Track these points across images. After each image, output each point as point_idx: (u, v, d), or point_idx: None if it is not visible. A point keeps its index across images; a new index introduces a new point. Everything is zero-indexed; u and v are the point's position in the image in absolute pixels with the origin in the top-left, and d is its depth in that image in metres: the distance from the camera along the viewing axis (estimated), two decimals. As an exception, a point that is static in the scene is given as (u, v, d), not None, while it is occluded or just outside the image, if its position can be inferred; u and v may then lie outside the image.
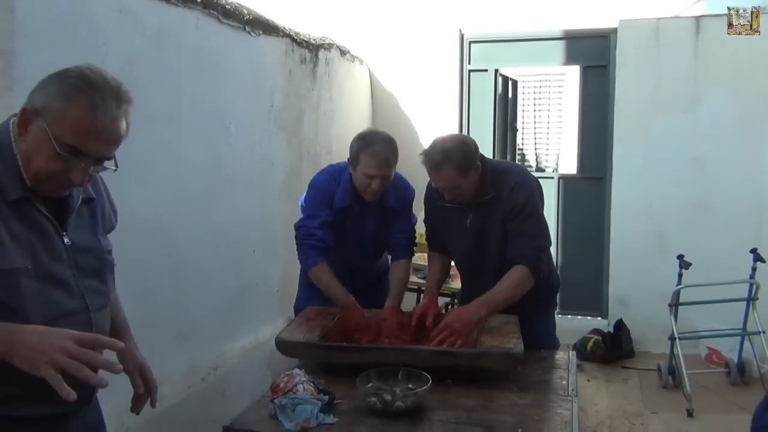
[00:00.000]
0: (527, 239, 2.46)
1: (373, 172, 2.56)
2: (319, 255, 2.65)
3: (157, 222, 2.79)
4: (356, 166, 2.60)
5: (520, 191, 2.48)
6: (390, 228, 2.80)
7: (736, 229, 4.56)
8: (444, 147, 2.40)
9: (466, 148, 2.43)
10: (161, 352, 2.84)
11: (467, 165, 2.40)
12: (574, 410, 2.03)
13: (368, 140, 2.59)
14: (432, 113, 5.13)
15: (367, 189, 2.61)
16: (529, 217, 2.48)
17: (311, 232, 2.67)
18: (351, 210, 2.72)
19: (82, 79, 1.30)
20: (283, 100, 3.83)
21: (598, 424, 3.63)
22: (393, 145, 2.62)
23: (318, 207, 2.70)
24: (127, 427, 2.62)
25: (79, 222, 1.46)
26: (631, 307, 4.91)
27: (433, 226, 2.74)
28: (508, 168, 2.65)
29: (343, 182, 2.70)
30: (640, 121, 4.80)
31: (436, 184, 2.47)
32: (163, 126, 2.80)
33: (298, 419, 1.93)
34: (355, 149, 2.61)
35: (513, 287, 2.42)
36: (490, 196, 2.48)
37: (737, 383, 4.13)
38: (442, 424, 1.93)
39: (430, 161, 2.41)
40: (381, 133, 2.66)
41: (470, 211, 2.53)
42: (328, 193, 2.71)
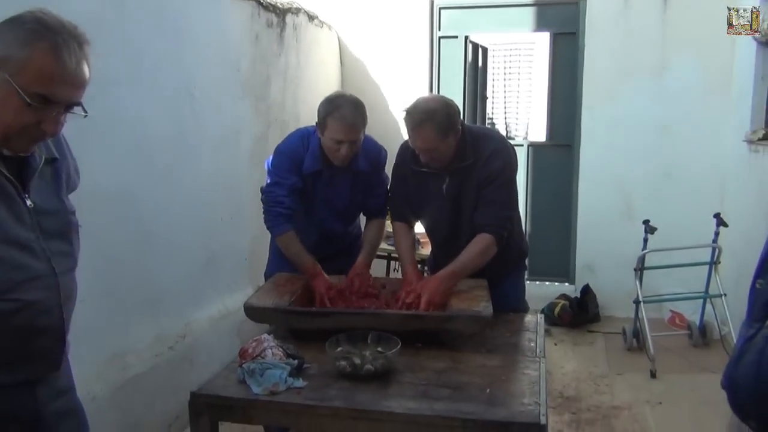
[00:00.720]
0: (496, 208, 2.46)
1: (341, 137, 2.51)
2: (286, 223, 2.61)
3: (121, 190, 2.73)
4: (324, 130, 2.55)
5: (497, 159, 2.46)
6: (363, 192, 2.76)
7: (700, 195, 4.64)
8: (427, 106, 2.37)
9: (450, 110, 2.40)
10: (127, 321, 2.82)
11: (448, 127, 2.37)
12: (541, 371, 2.05)
13: (335, 104, 2.53)
14: (402, 81, 5.09)
15: (335, 154, 2.56)
16: (502, 186, 2.48)
17: (279, 200, 2.62)
18: (321, 175, 2.68)
19: (40, 24, 1.24)
20: (249, 66, 3.75)
21: (565, 386, 3.70)
22: (361, 109, 2.56)
23: (285, 173, 2.64)
24: (93, 396, 2.58)
25: (42, 183, 1.41)
26: (597, 273, 4.99)
27: (405, 191, 2.67)
28: (487, 134, 2.62)
29: (312, 147, 2.65)
30: (608, 88, 4.82)
31: (414, 143, 2.43)
32: (123, 90, 2.72)
33: (267, 384, 1.92)
34: (322, 113, 2.55)
35: (477, 256, 2.43)
36: (469, 162, 2.46)
37: (699, 345, 4.24)
38: (411, 386, 1.93)
39: (411, 119, 2.37)
40: (349, 96, 2.60)
41: (447, 176, 2.51)
42: (296, 159, 2.65)
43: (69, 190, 1.53)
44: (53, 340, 1.44)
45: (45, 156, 1.41)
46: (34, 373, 1.44)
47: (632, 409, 3.39)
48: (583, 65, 4.88)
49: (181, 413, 3.03)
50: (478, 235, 2.46)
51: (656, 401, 3.47)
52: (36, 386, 1.44)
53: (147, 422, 2.89)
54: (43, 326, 1.39)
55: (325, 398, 1.87)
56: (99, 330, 2.64)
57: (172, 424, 3.04)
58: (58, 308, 1.41)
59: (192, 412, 1.93)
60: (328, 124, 2.51)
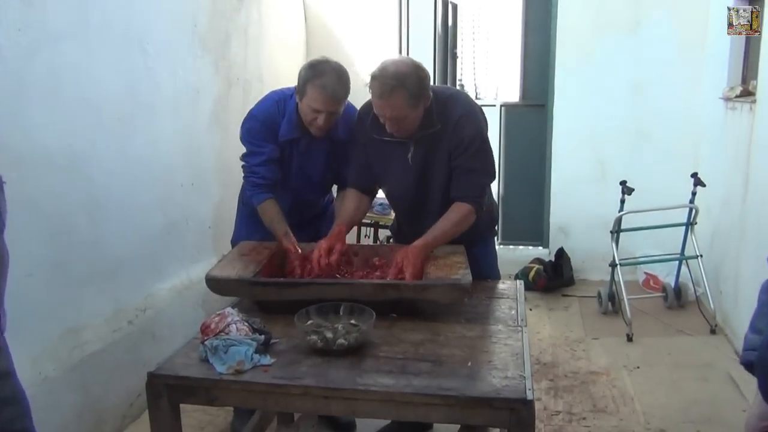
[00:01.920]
0: (473, 176, 2.32)
1: (319, 107, 2.34)
2: (266, 192, 2.47)
3: (68, 152, 2.51)
4: (303, 96, 2.37)
5: (467, 124, 2.29)
6: (339, 161, 2.59)
7: (674, 155, 4.56)
8: (397, 71, 2.15)
9: (422, 74, 2.20)
10: (80, 294, 2.64)
11: (420, 94, 2.19)
12: (524, 340, 1.95)
13: (318, 70, 2.34)
14: (370, 39, 4.87)
15: (312, 123, 2.39)
16: (478, 153, 2.31)
17: (254, 170, 2.48)
18: (298, 142, 2.50)
19: None
20: (207, 21, 3.50)
21: (541, 352, 3.62)
22: (344, 78, 2.37)
23: (261, 141, 2.47)
24: (45, 376, 2.42)
25: None
26: (571, 236, 4.91)
27: (365, 160, 2.47)
28: (453, 96, 2.41)
29: (289, 112, 2.46)
30: (582, 45, 4.68)
31: (381, 111, 2.22)
32: (67, 44, 2.48)
33: (231, 361, 1.78)
34: (302, 78, 2.36)
35: (457, 224, 2.30)
36: (436, 129, 2.29)
37: (674, 307, 4.20)
38: (388, 361, 1.81)
39: (380, 86, 2.14)
40: (333, 63, 2.39)
41: (412, 144, 2.33)
42: (271, 125, 2.47)
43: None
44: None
45: None
46: None
47: (610, 374, 3.33)
48: (556, 21, 4.72)
49: (142, 391, 2.77)
50: (456, 203, 2.31)
51: (633, 365, 3.42)
52: None
53: (106, 402, 2.73)
54: None
55: (294, 376, 1.73)
56: (49, 305, 2.46)
57: (133, 403, 2.88)
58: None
59: (150, 394, 1.79)
60: (308, 91, 2.34)
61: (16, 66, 2.25)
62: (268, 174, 2.46)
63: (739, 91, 3.77)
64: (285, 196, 2.55)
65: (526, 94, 5.04)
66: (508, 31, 6.51)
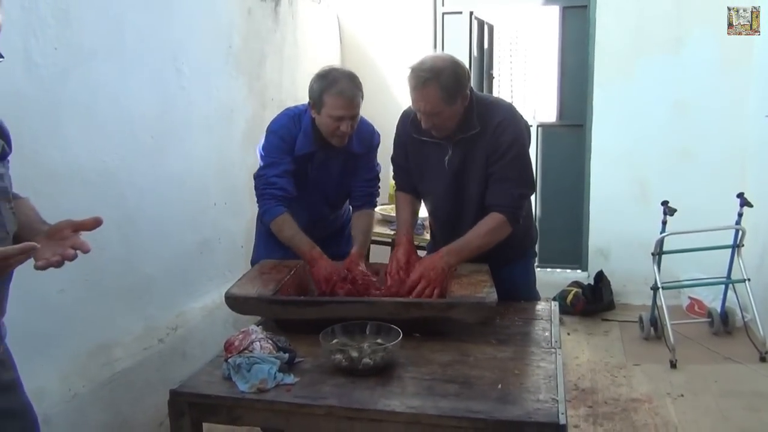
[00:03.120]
0: (509, 185, 2.25)
1: (341, 113, 2.33)
2: (280, 205, 2.44)
3: (101, 169, 2.53)
4: (321, 108, 2.36)
5: (507, 129, 2.23)
6: (353, 175, 2.58)
7: (719, 175, 4.41)
8: (434, 64, 2.14)
9: (459, 70, 2.17)
10: (112, 311, 2.64)
11: (456, 90, 2.15)
12: (558, 363, 1.86)
13: (330, 78, 2.35)
14: (404, 59, 4.83)
15: (335, 132, 2.38)
16: (515, 160, 2.25)
17: (272, 181, 2.45)
18: (314, 156, 2.50)
19: None
20: (242, 41, 3.54)
21: (580, 378, 3.50)
22: (357, 81, 2.39)
23: (278, 154, 2.47)
24: (74, 393, 2.41)
25: None
26: (611, 259, 4.78)
27: (405, 162, 2.46)
28: (496, 102, 2.38)
29: (304, 126, 2.47)
30: (621, 64, 4.59)
31: (416, 105, 2.20)
32: (103, 63, 2.52)
33: (254, 380, 1.74)
34: (316, 90, 2.37)
35: (485, 235, 2.23)
36: (475, 131, 2.24)
37: (720, 333, 4.03)
38: (414, 382, 1.75)
39: (415, 77, 2.13)
40: (342, 69, 2.43)
41: (450, 147, 2.29)
42: (288, 139, 2.48)
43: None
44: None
45: None
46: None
47: (652, 401, 3.19)
48: (594, 40, 4.64)
49: (171, 410, 2.85)
50: (489, 214, 2.25)
51: (677, 393, 3.27)
52: None
53: (134, 421, 2.71)
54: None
55: (318, 396, 1.69)
56: (80, 321, 2.47)
57: (163, 422, 2.85)
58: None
59: (172, 413, 1.77)
60: (326, 100, 2.34)
61: (53, 84, 2.29)
62: (286, 185, 2.44)
63: (786, 108, 3.63)
64: (301, 213, 2.52)
65: (563, 114, 4.95)
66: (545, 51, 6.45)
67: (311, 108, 2.43)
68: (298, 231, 2.41)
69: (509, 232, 2.25)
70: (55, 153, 2.31)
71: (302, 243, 2.38)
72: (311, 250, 2.36)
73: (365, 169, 2.62)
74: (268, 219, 2.44)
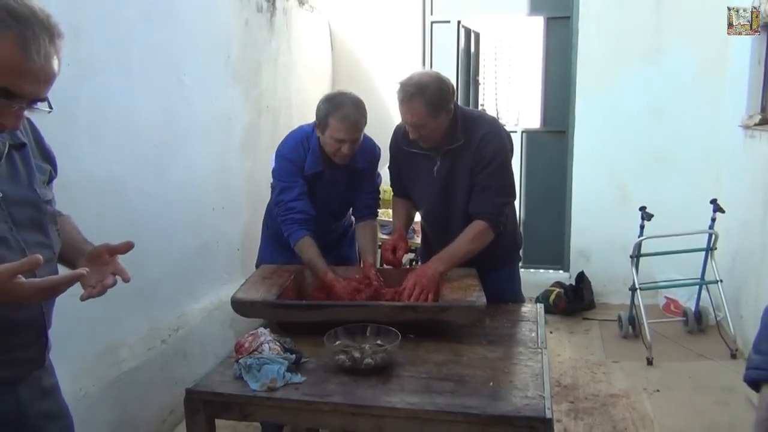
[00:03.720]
0: (490, 194, 2.41)
1: (343, 136, 2.46)
2: (302, 228, 2.54)
3: (110, 178, 2.65)
4: (325, 129, 2.49)
5: (490, 142, 2.40)
6: (356, 189, 2.72)
7: (694, 181, 4.62)
8: (420, 80, 2.31)
9: (443, 86, 2.33)
10: (118, 314, 2.75)
11: (440, 104, 2.31)
12: (544, 362, 2.02)
13: (336, 102, 2.47)
14: (394, 67, 5.00)
15: (336, 153, 2.51)
16: (496, 171, 2.41)
17: (291, 206, 2.55)
18: (322, 175, 2.62)
19: (8, 13, 1.15)
20: (239, 51, 3.67)
21: (561, 375, 3.68)
22: (362, 107, 2.51)
23: (291, 177, 2.58)
24: (85, 392, 2.53)
25: (11, 172, 1.33)
26: (591, 260, 4.97)
27: (399, 172, 2.64)
28: (480, 116, 2.56)
29: (312, 147, 2.59)
30: (602, 73, 4.77)
31: (404, 117, 2.37)
32: (111, 76, 2.64)
33: (265, 379, 1.87)
34: (323, 112, 2.49)
35: (471, 242, 2.39)
36: (460, 143, 2.40)
37: (694, 331, 4.23)
38: (412, 380, 1.89)
39: (402, 92, 2.31)
40: (349, 94, 2.53)
41: (438, 158, 2.45)
42: (297, 161, 2.59)
43: (44, 177, 1.44)
44: (34, 336, 1.39)
45: (10, 142, 1.33)
46: (17, 370, 1.38)
47: (630, 397, 3.37)
48: (577, 50, 4.82)
49: (175, 407, 2.98)
50: (473, 221, 2.42)
51: (653, 389, 3.46)
52: (18, 386, 1.38)
53: (141, 418, 2.84)
54: (23, 320, 1.34)
55: (324, 394, 1.82)
56: (90, 323, 2.58)
57: (166, 419, 2.99)
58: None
59: (188, 410, 1.88)
60: (330, 123, 2.46)
61: (65, 97, 2.39)
62: (304, 207, 2.54)
63: (758, 119, 3.83)
64: None
65: (546, 120, 5.13)
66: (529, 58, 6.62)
67: (317, 128, 2.54)
68: (316, 254, 2.50)
69: (492, 237, 2.42)
70: (68, 164, 2.40)
71: (318, 268, 2.47)
72: (326, 275, 2.45)
73: (366, 182, 2.74)
74: (293, 242, 2.54)
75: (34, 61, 1.16)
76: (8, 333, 1.32)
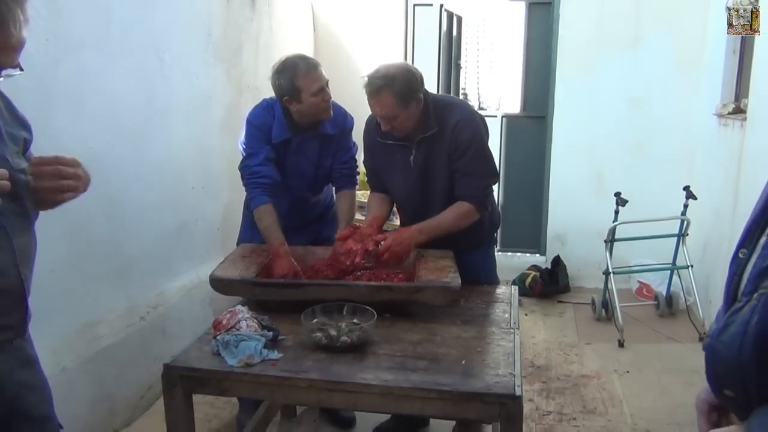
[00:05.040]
0: (474, 178, 2.46)
1: (320, 84, 2.52)
2: (265, 194, 2.57)
3: (89, 155, 2.62)
4: (299, 93, 2.51)
5: (465, 128, 2.43)
6: (330, 157, 2.74)
7: (669, 168, 4.69)
8: (387, 72, 2.33)
9: (411, 76, 2.36)
10: (97, 291, 2.77)
11: (409, 95, 2.34)
12: (516, 342, 2.07)
13: (290, 64, 2.53)
14: (376, 49, 5.01)
15: (322, 105, 2.56)
16: (477, 155, 2.46)
17: (255, 170, 2.59)
18: (290, 142, 2.65)
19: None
20: (221, 31, 3.65)
21: (535, 356, 3.75)
22: (306, 56, 2.62)
23: (257, 144, 2.61)
24: (63, 367, 2.55)
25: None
26: (567, 244, 5.05)
27: (374, 164, 2.66)
28: (451, 102, 2.58)
29: (278, 116, 2.62)
30: (582, 59, 4.82)
31: (373, 110, 2.40)
32: (90, 53, 2.63)
33: (242, 355, 1.90)
34: (286, 80, 2.51)
35: (455, 219, 2.45)
36: (434, 131, 2.43)
37: (665, 315, 4.33)
38: (387, 358, 1.94)
39: (370, 85, 2.33)
40: (289, 55, 2.60)
41: (413, 147, 2.48)
42: (264, 128, 2.62)
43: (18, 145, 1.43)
44: (13, 303, 1.41)
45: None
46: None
47: (601, 377, 3.46)
48: (557, 36, 4.86)
49: (153, 383, 3.00)
50: (458, 201, 2.46)
51: (624, 370, 3.55)
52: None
53: (119, 393, 2.86)
54: (1, 287, 1.36)
55: (300, 370, 1.86)
56: (69, 300, 2.60)
57: (144, 395, 3.02)
58: (14, 268, 1.38)
59: (165, 384, 1.91)
60: (301, 84, 2.50)
61: (44, 74, 2.39)
62: (269, 173, 2.58)
63: (731, 108, 3.91)
64: (283, 197, 2.67)
65: (526, 105, 5.17)
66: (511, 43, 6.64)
67: (289, 101, 2.55)
68: (274, 223, 2.53)
69: (477, 218, 2.48)
70: (47, 141, 2.37)
71: (273, 237, 2.50)
72: (279, 246, 2.48)
73: (341, 151, 2.76)
74: (254, 207, 2.59)
75: (12, 36, 1.17)
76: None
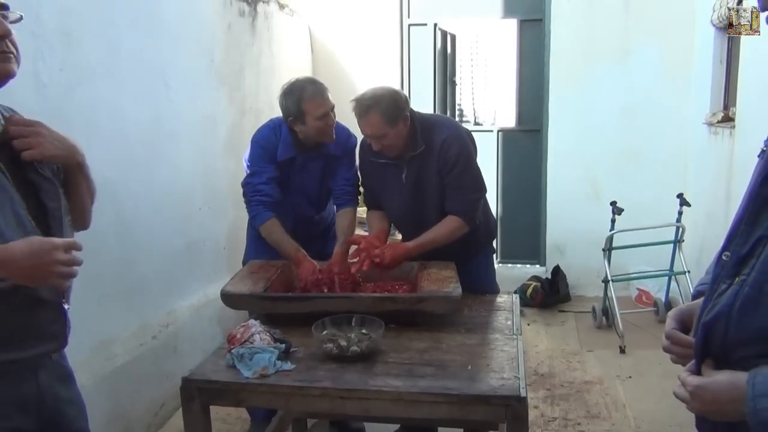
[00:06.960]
0: (463, 192, 2.58)
1: (325, 109, 2.61)
2: (268, 210, 2.67)
3: (101, 180, 2.69)
4: (304, 116, 2.61)
5: (452, 145, 2.54)
6: (332, 176, 2.84)
7: (662, 176, 4.80)
8: (374, 94, 2.46)
9: (397, 96, 2.49)
10: (110, 311, 2.84)
11: (395, 114, 2.45)
12: (519, 347, 2.15)
13: (298, 87, 2.64)
14: (373, 68, 5.13)
15: (326, 129, 2.65)
16: (465, 170, 2.57)
17: (258, 188, 2.68)
18: (294, 161, 2.75)
19: None
20: (223, 55, 3.76)
21: (539, 364, 3.83)
22: (316, 79, 2.74)
23: (262, 163, 2.71)
24: (81, 385, 2.57)
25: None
26: (566, 254, 5.13)
27: (369, 184, 2.77)
28: (438, 121, 2.71)
29: (284, 135, 2.73)
30: (574, 73, 4.94)
31: (363, 131, 2.52)
32: (101, 81, 2.73)
33: (257, 367, 1.97)
34: (293, 102, 2.62)
35: (448, 232, 2.56)
36: (422, 149, 2.54)
37: (664, 320, 4.38)
38: (396, 365, 2.01)
39: (359, 107, 2.46)
40: (300, 77, 2.72)
41: (405, 165, 2.59)
42: (269, 148, 2.72)
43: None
44: (54, 313, 1.48)
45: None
46: (43, 348, 1.46)
47: (603, 383, 3.53)
48: (549, 51, 4.98)
49: (166, 401, 3.08)
50: (448, 216, 2.58)
51: (626, 375, 3.63)
52: (38, 370, 1.47)
53: (133, 411, 2.93)
54: (45, 296, 1.43)
55: (314, 379, 1.93)
56: (84, 318, 2.64)
57: (158, 413, 3.08)
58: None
59: (184, 397, 1.98)
60: (306, 108, 2.60)
61: (58, 102, 2.49)
62: (271, 192, 2.68)
63: (720, 116, 4.01)
64: (287, 214, 2.76)
65: (521, 119, 5.28)
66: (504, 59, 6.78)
67: (293, 122, 2.66)
68: (285, 234, 2.66)
69: (467, 230, 2.59)
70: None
71: (287, 245, 2.63)
72: (296, 252, 2.60)
73: (344, 169, 2.86)
74: (258, 223, 2.69)
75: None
76: (31, 310, 1.41)
